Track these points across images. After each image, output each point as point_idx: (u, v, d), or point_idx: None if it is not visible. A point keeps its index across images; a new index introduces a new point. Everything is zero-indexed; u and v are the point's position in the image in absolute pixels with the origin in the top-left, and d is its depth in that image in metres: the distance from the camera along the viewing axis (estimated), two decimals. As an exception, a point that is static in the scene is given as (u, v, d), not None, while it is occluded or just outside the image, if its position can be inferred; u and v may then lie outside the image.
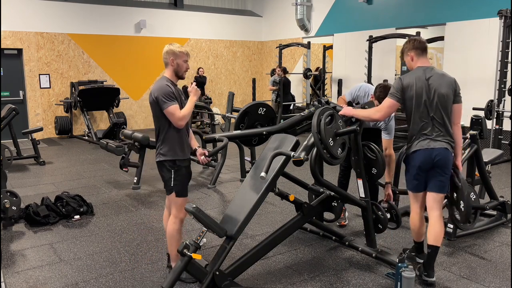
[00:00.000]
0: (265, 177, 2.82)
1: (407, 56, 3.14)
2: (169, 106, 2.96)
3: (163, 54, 3.09)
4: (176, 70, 3.10)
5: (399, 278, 2.90)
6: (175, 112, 2.98)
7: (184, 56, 3.09)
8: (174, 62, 3.07)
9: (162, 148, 3.06)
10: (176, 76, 3.11)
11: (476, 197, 3.82)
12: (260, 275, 3.31)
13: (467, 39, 8.03)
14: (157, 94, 2.96)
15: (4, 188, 4.46)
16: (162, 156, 3.07)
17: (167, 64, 3.09)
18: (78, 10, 10.25)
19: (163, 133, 3.07)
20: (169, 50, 3.07)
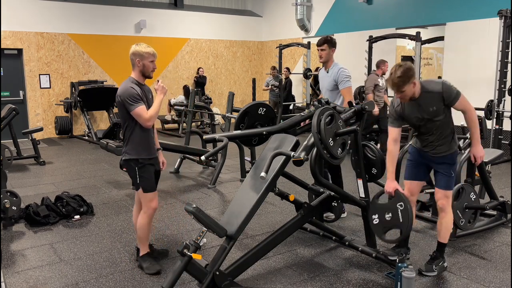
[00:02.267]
0: (265, 177, 2.82)
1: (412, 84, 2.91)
2: (135, 108, 3.03)
3: (130, 55, 3.13)
4: (143, 71, 3.15)
5: (399, 278, 2.90)
6: (142, 113, 3.05)
7: (150, 56, 3.15)
8: (140, 63, 3.13)
9: (128, 146, 3.18)
10: (142, 76, 3.17)
11: (476, 197, 3.82)
12: (260, 275, 3.31)
13: (467, 39, 8.03)
14: (123, 96, 3.03)
15: (4, 188, 4.47)
16: (127, 155, 3.19)
17: (134, 65, 3.14)
18: (78, 10, 10.26)
19: (129, 132, 3.17)
20: (135, 51, 3.11)
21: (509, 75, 7.05)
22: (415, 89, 2.93)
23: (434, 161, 3.19)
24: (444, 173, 3.14)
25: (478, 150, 3.15)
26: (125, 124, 3.18)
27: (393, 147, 3.16)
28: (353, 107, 3.48)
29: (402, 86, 2.86)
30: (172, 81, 11.81)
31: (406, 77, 2.85)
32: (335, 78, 4.20)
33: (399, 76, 2.85)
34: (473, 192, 3.80)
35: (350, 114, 3.44)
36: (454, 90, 2.95)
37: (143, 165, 3.20)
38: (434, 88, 2.95)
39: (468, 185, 3.79)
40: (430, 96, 2.95)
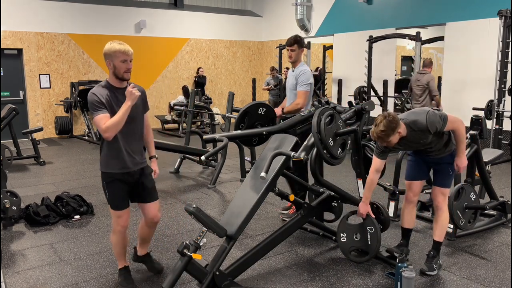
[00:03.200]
0: (265, 177, 2.82)
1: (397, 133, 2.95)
2: (95, 116, 2.70)
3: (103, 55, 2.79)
4: (115, 73, 2.78)
5: (399, 278, 2.90)
6: (99, 123, 2.69)
7: (121, 55, 2.74)
8: (111, 64, 2.77)
9: (100, 157, 2.89)
10: (116, 78, 2.80)
11: (476, 197, 3.82)
12: (260, 275, 3.31)
13: (467, 39, 8.03)
14: (88, 102, 2.74)
15: (4, 188, 4.46)
16: (100, 166, 2.91)
17: (108, 66, 2.79)
18: (78, 10, 10.26)
19: (101, 141, 2.87)
20: (104, 51, 2.76)
21: (509, 75, 7.05)
22: (401, 134, 2.95)
23: (433, 161, 3.26)
24: (443, 171, 3.22)
25: (462, 161, 3.20)
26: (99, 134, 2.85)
27: (374, 176, 3.20)
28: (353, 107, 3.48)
29: (386, 138, 2.90)
30: (172, 81, 11.81)
31: (390, 129, 2.86)
32: (297, 77, 4.15)
33: (382, 130, 2.86)
34: (473, 192, 3.80)
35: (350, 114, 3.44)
36: (439, 120, 2.96)
37: (111, 180, 2.86)
38: (420, 126, 2.96)
39: (468, 185, 3.79)
40: (417, 133, 3.00)
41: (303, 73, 4.10)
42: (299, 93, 4.10)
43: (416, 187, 3.36)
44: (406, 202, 3.42)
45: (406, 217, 3.44)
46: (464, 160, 3.20)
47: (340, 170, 6.43)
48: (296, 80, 4.13)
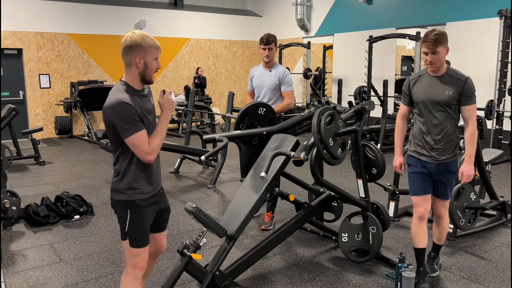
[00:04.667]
0: (265, 177, 2.82)
1: (446, 48, 2.82)
2: (132, 135, 2.08)
3: (123, 49, 2.14)
4: (143, 73, 2.18)
5: (399, 278, 2.90)
6: (141, 144, 2.11)
7: (156, 51, 2.18)
8: (141, 62, 2.15)
9: (121, 182, 2.23)
10: (141, 80, 2.21)
11: (476, 197, 3.82)
12: (260, 275, 3.30)
13: (467, 39, 8.03)
14: (114, 118, 2.07)
15: (4, 188, 4.46)
16: (119, 194, 2.25)
17: (130, 64, 2.15)
18: (78, 10, 10.25)
19: (123, 163, 2.22)
20: (133, 44, 2.11)
21: (509, 75, 7.05)
22: (445, 59, 2.82)
23: (437, 169, 2.93)
24: (447, 183, 2.98)
25: (469, 169, 2.90)
26: (116, 150, 2.22)
27: (401, 122, 3.09)
28: (353, 107, 3.48)
29: (438, 44, 2.72)
30: (172, 81, 11.81)
31: (443, 36, 2.75)
32: (280, 78, 4.18)
33: (436, 34, 2.74)
34: (473, 192, 3.80)
35: (350, 114, 3.44)
36: (474, 91, 2.84)
37: (139, 208, 2.25)
38: (460, 75, 2.83)
39: (468, 185, 3.79)
40: (452, 80, 2.82)
41: (287, 73, 4.23)
42: (287, 93, 4.22)
43: (425, 203, 2.99)
44: (417, 220, 3.00)
45: (420, 235, 3.02)
46: (471, 169, 2.89)
47: (340, 170, 6.43)
48: (279, 80, 4.19)
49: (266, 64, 4.27)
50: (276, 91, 4.22)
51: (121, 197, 2.25)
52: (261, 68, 4.34)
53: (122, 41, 2.14)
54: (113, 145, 2.23)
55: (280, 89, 4.21)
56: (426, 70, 2.90)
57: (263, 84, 4.27)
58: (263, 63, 4.31)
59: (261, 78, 4.28)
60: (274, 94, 4.22)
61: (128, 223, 2.25)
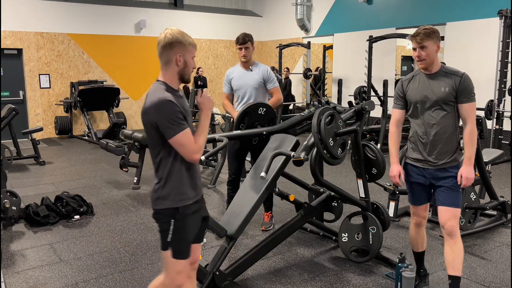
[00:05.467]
0: (265, 177, 2.82)
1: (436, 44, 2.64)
2: (177, 134, 1.98)
3: (163, 46, 2.10)
4: (182, 72, 2.12)
5: (399, 278, 2.90)
6: (187, 143, 2.00)
7: (193, 51, 2.16)
8: (181, 60, 2.09)
9: (164, 188, 2.07)
10: (180, 78, 2.13)
11: (476, 197, 3.82)
12: (260, 275, 3.30)
13: (467, 39, 8.03)
14: (158, 117, 1.98)
15: (4, 188, 4.46)
16: (162, 202, 2.09)
17: (169, 62, 2.10)
18: (78, 10, 10.25)
19: (165, 167, 2.07)
20: (174, 40, 2.08)
21: (509, 75, 7.05)
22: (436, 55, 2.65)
23: (436, 175, 2.71)
24: (450, 187, 2.65)
25: (468, 171, 2.63)
26: (158, 154, 2.07)
27: (395, 129, 2.90)
28: (353, 107, 3.48)
29: (425, 38, 2.58)
30: (172, 81, 11.80)
31: (431, 31, 2.59)
32: (264, 76, 4.17)
33: (425, 28, 2.60)
34: (473, 192, 3.80)
35: (350, 114, 3.44)
36: (472, 88, 2.66)
37: (183, 216, 2.11)
38: (455, 71, 2.66)
39: (468, 185, 3.79)
40: (447, 76, 2.65)
41: (270, 71, 4.24)
42: (276, 89, 4.24)
43: (422, 212, 2.91)
44: (415, 226, 2.96)
45: (418, 240, 2.99)
46: (470, 171, 2.63)
47: (340, 170, 6.43)
48: (263, 78, 4.17)
49: (244, 64, 4.21)
50: (260, 90, 4.17)
51: (164, 204, 2.08)
52: (239, 68, 4.25)
53: (161, 38, 2.08)
54: (155, 149, 2.08)
55: (265, 87, 4.19)
56: (420, 70, 2.75)
57: (245, 84, 4.16)
58: (241, 63, 4.24)
59: (242, 78, 4.18)
60: (259, 93, 4.18)
61: (172, 232, 2.09)
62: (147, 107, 2.00)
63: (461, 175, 2.64)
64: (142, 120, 2.06)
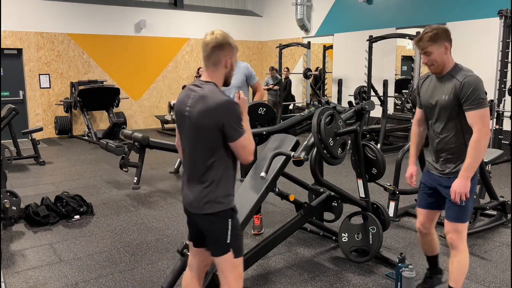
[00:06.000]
0: (265, 177, 2.81)
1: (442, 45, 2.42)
2: (242, 136, 1.98)
3: (214, 47, 2.01)
4: (227, 75, 2.10)
5: (399, 278, 2.90)
6: (249, 144, 2.02)
7: (237, 53, 2.16)
8: (229, 62, 2.07)
9: (216, 191, 2.04)
10: (224, 82, 2.12)
11: (476, 197, 3.82)
12: (260, 275, 3.30)
13: (467, 39, 8.03)
14: (226, 118, 1.93)
15: (4, 188, 4.46)
16: (218, 205, 2.05)
17: (218, 63, 2.04)
18: (78, 10, 10.25)
19: (219, 170, 2.04)
20: (226, 42, 2.04)
21: (509, 75, 7.05)
22: (446, 57, 2.43)
23: (442, 183, 2.58)
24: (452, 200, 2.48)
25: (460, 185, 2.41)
26: (212, 156, 2.02)
27: (416, 128, 2.75)
28: (353, 107, 3.48)
29: (427, 44, 2.39)
30: (172, 81, 11.81)
31: (434, 34, 2.37)
32: (246, 74, 4.15)
33: (427, 32, 2.40)
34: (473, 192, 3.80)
35: (350, 114, 3.43)
36: (476, 93, 2.34)
37: (236, 213, 2.14)
38: (461, 74, 2.41)
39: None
40: (451, 80, 2.43)
41: (250, 67, 4.25)
42: (258, 84, 4.26)
43: (424, 217, 2.75)
44: (419, 232, 2.86)
45: (424, 246, 2.93)
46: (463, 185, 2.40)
47: (340, 170, 6.43)
48: (245, 75, 4.16)
49: None
50: (242, 87, 4.16)
51: (219, 207, 2.05)
52: None
53: (210, 39, 2.01)
54: (209, 151, 2.01)
55: (247, 84, 4.20)
56: None
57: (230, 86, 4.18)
58: None
59: None
60: (244, 91, 4.17)
61: (230, 233, 2.08)
62: (212, 107, 1.93)
63: (452, 189, 2.43)
64: (199, 121, 1.97)
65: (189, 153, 2.08)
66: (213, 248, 2.12)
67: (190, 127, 2.02)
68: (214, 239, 2.10)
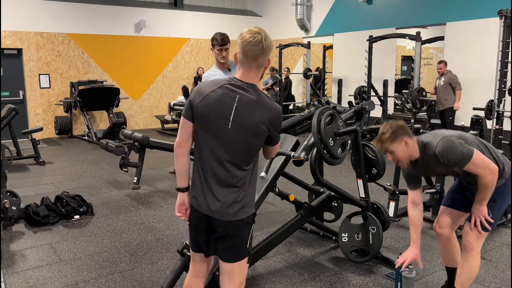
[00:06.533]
0: (265, 177, 2.81)
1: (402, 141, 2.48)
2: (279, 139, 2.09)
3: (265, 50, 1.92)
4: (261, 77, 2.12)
5: (399, 278, 2.89)
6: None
7: None
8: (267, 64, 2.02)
9: (245, 196, 2.00)
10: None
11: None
12: (260, 275, 3.30)
13: (467, 39, 8.03)
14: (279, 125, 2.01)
15: (4, 188, 4.46)
16: (249, 210, 2.02)
17: (261, 66, 1.98)
18: (78, 10, 10.25)
19: (252, 173, 2.02)
20: (271, 44, 1.96)
21: (509, 75, 7.04)
22: (409, 149, 2.47)
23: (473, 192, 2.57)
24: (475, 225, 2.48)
25: (481, 210, 2.45)
26: (251, 161, 2.00)
27: (413, 212, 2.65)
28: (353, 107, 3.48)
29: (388, 145, 2.47)
30: (172, 81, 11.81)
31: (391, 134, 2.45)
32: None
33: (383, 133, 2.49)
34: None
35: (350, 114, 3.43)
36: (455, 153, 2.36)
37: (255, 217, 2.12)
38: (428, 152, 2.45)
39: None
40: (429, 159, 2.46)
41: None
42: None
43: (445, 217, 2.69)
44: (437, 236, 2.81)
45: (443, 252, 2.85)
46: (483, 210, 2.44)
47: (340, 170, 6.43)
48: None
49: (222, 66, 4.14)
50: None
51: (250, 212, 2.02)
52: (216, 71, 4.15)
53: (261, 40, 1.90)
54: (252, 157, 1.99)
55: None
56: None
57: None
58: (218, 64, 4.15)
59: None
60: None
61: (250, 238, 2.06)
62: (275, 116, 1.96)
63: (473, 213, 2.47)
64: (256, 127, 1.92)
65: (223, 157, 1.95)
66: (231, 253, 2.02)
67: (236, 130, 1.91)
68: (236, 245, 2.02)
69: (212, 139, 1.95)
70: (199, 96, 1.95)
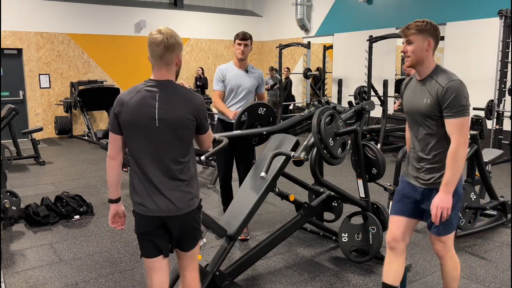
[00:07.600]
0: (265, 177, 2.81)
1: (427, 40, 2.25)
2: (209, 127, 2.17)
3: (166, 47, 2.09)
4: (178, 72, 2.38)
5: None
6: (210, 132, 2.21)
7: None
8: (180, 60, 2.33)
9: (191, 186, 2.08)
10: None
11: (476, 197, 3.82)
12: (260, 275, 3.30)
13: (467, 39, 8.03)
14: (203, 113, 2.10)
15: (4, 188, 4.46)
16: (194, 200, 2.09)
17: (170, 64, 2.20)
18: (78, 10, 10.25)
19: (193, 163, 2.11)
20: (176, 42, 2.20)
21: (509, 75, 7.05)
22: (426, 53, 2.26)
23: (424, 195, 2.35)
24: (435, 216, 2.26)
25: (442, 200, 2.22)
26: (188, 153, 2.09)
27: (409, 133, 2.51)
28: (353, 107, 3.48)
29: (412, 32, 2.24)
30: (172, 81, 11.80)
31: (423, 26, 2.22)
32: (259, 81, 4.10)
33: (417, 21, 2.25)
34: (473, 192, 3.80)
35: (350, 114, 3.43)
36: (458, 100, 2.17)
37: None
38: (443, 78, 2.22)
39: (468, 185, 3.79)
40: (431, 84, 2.25)
41: (263, 75, 4.22)
42: (264, 94, 4.26)
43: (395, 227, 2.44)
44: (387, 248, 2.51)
45: (385, 267, 2.53)
46: (446, 200, 2.21)
47: (340, 170, 6.43)
48: (258, 82, 4.10)
49: (240, 63, 4.08)
50: (252, 93, 4.11)
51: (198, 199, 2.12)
52: (233, 67, 4.10)
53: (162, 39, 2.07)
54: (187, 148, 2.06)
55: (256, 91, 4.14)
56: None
57: (242, 85, 4.04)
58: (237, 61, 4.10)
59: (238, 78, 4.05)
60: (250, 97, 4.12)
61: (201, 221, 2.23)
62: (196, 105, 2.03)
63: (433, 204, 2.23)
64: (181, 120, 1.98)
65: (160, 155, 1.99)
66: (192, 241, 2.15)
67: (165, 127, 1.96)
68: (194, 231, 2.14)
69: (145, 142, 1.99)
70: (120, 106, 2.01)
